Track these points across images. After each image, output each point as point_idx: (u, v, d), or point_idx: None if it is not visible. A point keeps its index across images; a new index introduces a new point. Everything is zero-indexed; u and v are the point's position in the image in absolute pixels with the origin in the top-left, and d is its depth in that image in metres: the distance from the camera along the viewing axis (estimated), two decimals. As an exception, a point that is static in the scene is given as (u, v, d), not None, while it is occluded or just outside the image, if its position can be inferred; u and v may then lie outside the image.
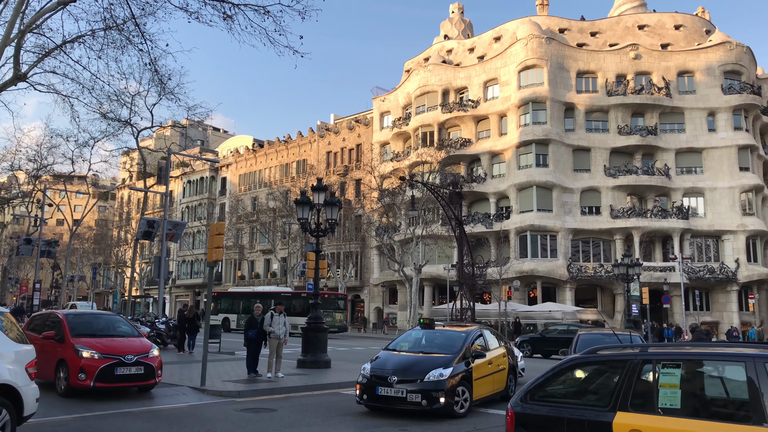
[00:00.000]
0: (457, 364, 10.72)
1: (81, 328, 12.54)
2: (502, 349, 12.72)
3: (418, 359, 10.99)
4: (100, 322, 13.43)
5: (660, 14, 54.46)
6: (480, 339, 12.04)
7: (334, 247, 57.05)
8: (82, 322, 12.93)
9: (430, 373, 10.33)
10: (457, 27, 62.29)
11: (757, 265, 46.76)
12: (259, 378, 14.99)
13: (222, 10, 13.83)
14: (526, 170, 47.50)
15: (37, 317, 14.25)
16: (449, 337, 11.79)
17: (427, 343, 11.83)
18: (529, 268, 45.55)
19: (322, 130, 67.89)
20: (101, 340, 12.29)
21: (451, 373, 10.43)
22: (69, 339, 11.99)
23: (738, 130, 47.90)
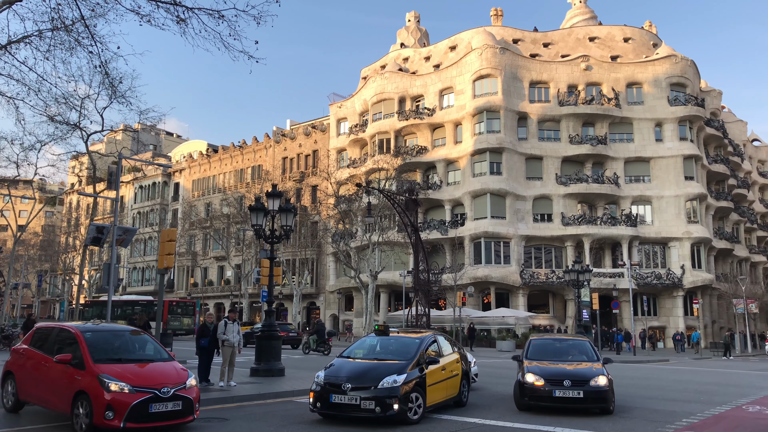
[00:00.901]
0: (411, 370, 10.69)
1: (103, 350, 10.11)
2: (455, 354, 12.75)
3: (373, 366, 10.94)
4: (124, 342, 10.93)
5: (610, 27, 56.04)
6: (434, 345, 12.02)
7: (290, 253, 56.63)
8: (103, 342, 10.48)
9: (384, 380, 10.28)
10: (414, 35, 62.82)
11: (701, 271, 48.37)
12: (211, 387, 14.76)
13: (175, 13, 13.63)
14: (481, 178, 48.13)
15: (43, 331, 11.44)
16: (404, 344, 11.77)
17: (382, 350, 11.79)
18: (483, 274, 46.10)
19: (278, 135, 67.44)
20: (129, 367, 9.87)
21: (405, 380, 10.40)
22: (90, 365, 9.58)
23: (683, 140, 49.57)
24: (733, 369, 27.96)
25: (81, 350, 9.91)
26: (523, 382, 12.11)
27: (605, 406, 11.92)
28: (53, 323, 12.26)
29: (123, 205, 78.43)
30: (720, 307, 54.55)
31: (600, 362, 12.79)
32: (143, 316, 23.81)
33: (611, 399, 12.00)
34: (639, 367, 28.09)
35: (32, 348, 11.06)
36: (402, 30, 63.67)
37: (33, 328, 11.92)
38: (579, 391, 11.67)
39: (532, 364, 12.59)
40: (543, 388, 11.84)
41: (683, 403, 14.35)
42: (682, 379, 21.57)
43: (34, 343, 11.20)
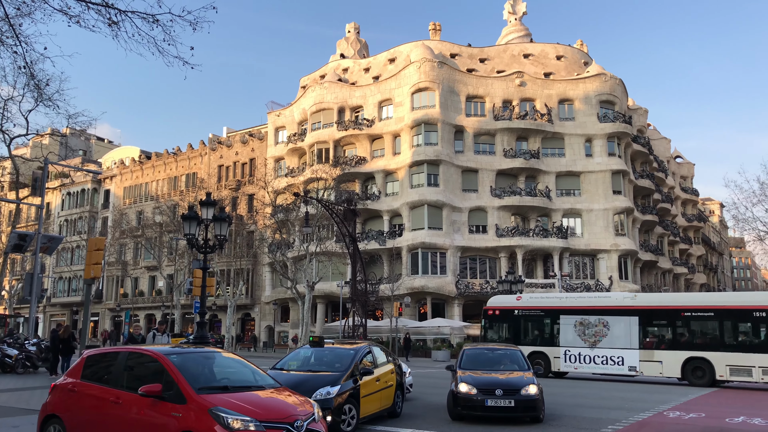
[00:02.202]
0: (345, 381, 10.68)
1: (201, 377, 7.86)
2: (390, 365, 12.78)
3: (306, 378, 10.88)
4: (219, 365, 8.64)
5: (543, 45, 57.84)
6: (369, 356, 12.06)
7: (225, 263, 55.59)
8: (195, 366, 8.13)
9: (317, 392, 10.23)
10: (353, 46, 63.10)
11: (628, 282, 50.25)
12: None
13: (107, 15, 13.21)
14: (419, 189, 48.64)
15: (100, 358, 8.83)
16: (338, 355, 11.74)
17: (316, 361, 11.72)
18: (420, 285, 46.48)
19: (213, 143, 66.26)
20: (243, 396, 7.63)
21: (338, 391, 10.38)
22: (194, 396, 7.25)
23: (612, 156, 51.53)
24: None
25: (174, 378, 7.50)
26: (456, 391, 12.25)
27: (535, 414, 12.19)
28: (112, 347, 9.48)
29: (49, 212, 75.16)
30: (645, 316, 56.69)
31: (531, 371, 13.08)
32: (68, 328, 22.76)
33: (541, 407, 12.28)
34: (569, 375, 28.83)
35: (88, 381, 8.44)
36: (342, 41, 63.85)
37: (81, 358, 8.97)
38: (510, 400, 11.90)
39: (465, 373, 12.76)
40: (475, 397, 12.01)
41: (609, 410, 14.84)
42: (609, 386, 22.30)
43: (90, 374, 8.55)
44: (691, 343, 23.44)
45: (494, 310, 27.73)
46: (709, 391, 20.63)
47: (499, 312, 27.50)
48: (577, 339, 25.19)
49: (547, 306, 26.41)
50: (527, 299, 27.79)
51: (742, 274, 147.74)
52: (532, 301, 27.44)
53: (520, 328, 26.94)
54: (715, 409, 15.28)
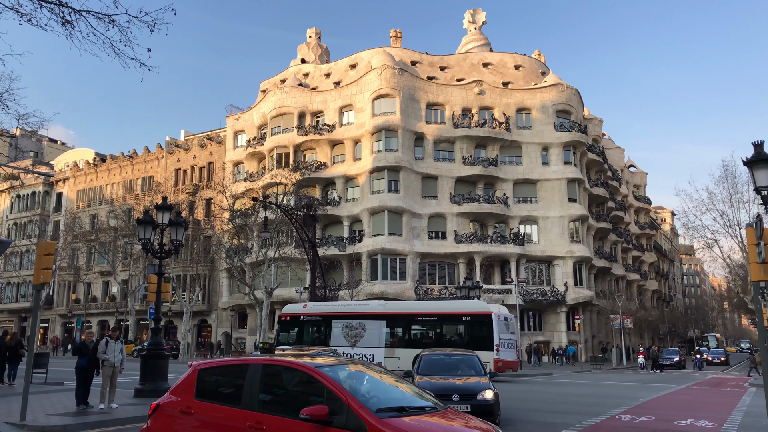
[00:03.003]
0: None
1: (369, 396, 6.29)
2: None
3: None
4: (375, 380, 6.86)
5: (502, 54, 58.73)
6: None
7: (181, 269, 54.65)
8: (358, 382, 6.64)
9: None
10: (314, 51, 62.97)
11: (582, 288, 51.27)
12: (90, 410, 13.93)
13: (60, 14, 12.89)
14: (379, 195, 48.73)
15: (219, 372, 7.18)
16: None
17: None
18: (379, 290, 46.51)
19: (171, 146, 65.19)
20: (427, 423, 6.00)
21: None
22: (374, 422, 5.71)
23: (568, 164, 52.58)
24: (610, 381, 29.75)
25: (341, 398, 5.90)
26: (414, 397, 12.28)
27: (491, 419, 12.29)
28: (234, 358, 7.52)
29: (-3, 215, 72.71)
30: (599, 322, 58.01)
31: (487, 376, 13.21)
32: (16, 335, 22.05)
33: (497, 412, 12.41)
34: (524, 380, 29.28)
35: (208, 401, 6.74)
36: (303, 45, 63.66)
37: (192, 370, 7.16)
38: (467, 405, 11.97)
39: (422, 379, 12.80)
40: (432, 402, 12.08)
41: (563, 414, 15.10)
42: (563, 391, 22.69)
43: (209, 392, 6.85)
44: (420, 342, 27.42)
45: (286, 316, 31.58)
46: (659, 395, 21.19)
47: (289, 318, 31.35)
48: (343, 340, 28.80)
49: (324, 312, 30.41)
50: (311, 307, 31.68)
51: (692, 281, 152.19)
52: (313, 309, 31.33)
53: (304, 331, 30.68)
54: (664, 412, 15.71)
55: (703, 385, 27.54)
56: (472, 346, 24.10)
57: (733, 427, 13.34)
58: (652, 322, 73.45)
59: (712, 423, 13.81)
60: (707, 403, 18.86)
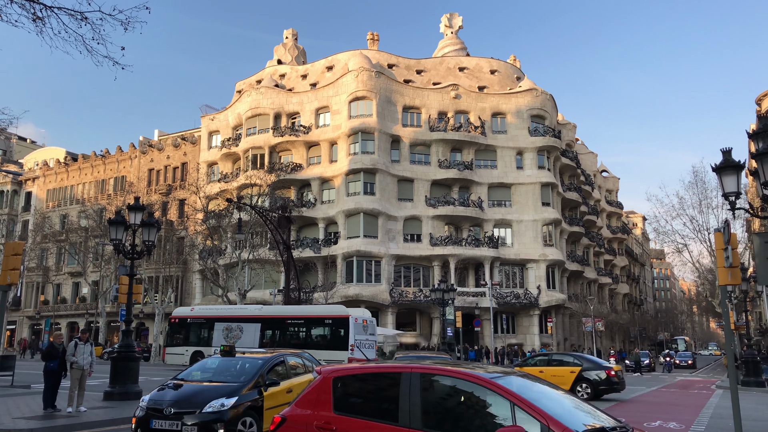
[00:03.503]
0: (247, 392, 10.14)
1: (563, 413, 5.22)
2: (309, 375, 12.20)
3: (203, 388, 10.24)
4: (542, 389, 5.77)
5: (478, 59, 59.17)
6: (281, 366, 11.58)
7: (153, 270, 53.98)
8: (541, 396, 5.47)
9: (210, 404, 9.58)
10: (291, 53, 62.77)
11: (555, 292, 51.80)
12: (58, 413, 13.67)
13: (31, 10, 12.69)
14: (355, 197, 48.70)
15: (362, 381, 6.18)
16: (244, 365, 11.13)
17: (220, 372, 11.04)
18: (354, 293, 46.46)
19: (144, 146, 64.42)
20: None
21: (235, 403, 9.75)
22: None
23: (541, 169, 53.12)
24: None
25: (539, 418, 4.95)
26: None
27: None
28: (379, 365, 6.38)
29: (-37, 213, 71.10)
30: (571, 325, 58.65)
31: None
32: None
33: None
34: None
35: (351, 416, 5.76)
36: (279, 46, 63.40)
37: (322, 378, 6.12)
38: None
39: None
40: (406, 405, 12.07)
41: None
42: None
43: (350, 406, 5.87)
44: (290, 343, 28.98)
45: (175, 319, 33.58)
46: (629, 397, 21.49)
47: (178, 320, 33.28)
48: (223, 340, 29.96)
49: (208, 315, 32.25)
50: (197, 310, 34.01)
51: (662, 285, 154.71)
52: (199, 312, 33.50)
53: (191, 333, 32.51)
54: (634, 415, 15.94)
55: (672, 387, 28.01)
56: (332, 346, 27.14)
57: (701, 428, 13.59)
58: (623, 325, 74.51)
59: (680, 424, 14.05)
60: (676, 405, 19.19)
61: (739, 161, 10.94)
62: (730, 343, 12.16)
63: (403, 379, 5.67)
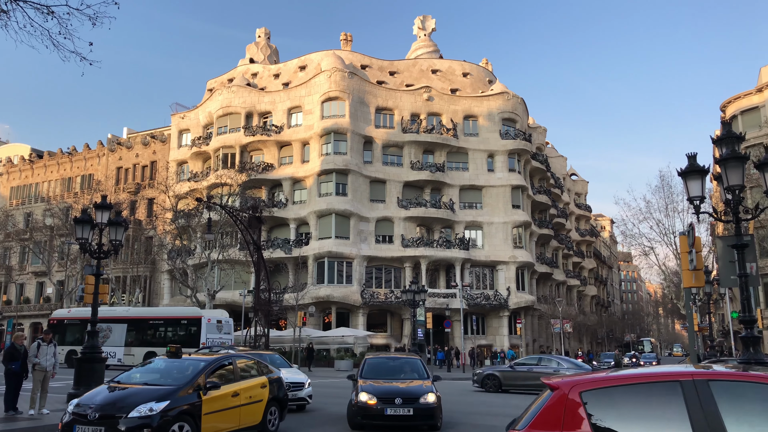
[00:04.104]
0: (184, 395, 9.58)
1: None
2: (261, 378, 11.75)
3: (134, 392, 9.64)
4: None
5: (451, 61, 59.50)
6: (228, 367, 11.03)
7: (120, 270, 53.12)
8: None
9: (137, 408, 9.01)
10: (263, 52, 62.36)
11: (524, 293, 52.31)
12: (20, 416, 13.35)
13: (-5, 3, 12.38)
14: (327, 198, 48.56)
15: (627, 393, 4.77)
16: (185, 366, 10.53)
17: (160, 374, 10.55)
18: (325, 294, 46.31)
19: (113, 143, 63.40)
20: None
21: (166, 407, 9.13)
22: None
23: (512, 171, 53.61)
24: (549, 383, 30.32)
25: None
26: (357, 401, 12.26)
27: (433, 422, 12.40)
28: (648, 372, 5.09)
29: None
30: (540, 326, 59.28)
31: (430, 380, 13.29)
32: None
33: (439, 415, 12.52)
34: (467, 384, 29.63)
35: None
36: (252, 45, 62.93)
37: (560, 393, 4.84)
38: (409, 408, 12.03)
39: (366, 383, 12.78)
40: (375, 406, 12.05)
41: (503, 417, 15.33)
42: (505, 395, 23.06)
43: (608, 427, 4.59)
44: (151, 342, 32.46)
45: (54, 320, 36.21)
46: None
47: (56, 322, 35.78)
48: None
49: (83, 317, 33.69)
50: (74, 312, 36.54)
51: (629, 287, 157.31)
52: (75, 314, 35.91)
53: (67, 333, 35.13)
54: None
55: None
56: (186, 344, 27.94)
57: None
58: (591, 326, 75.58)
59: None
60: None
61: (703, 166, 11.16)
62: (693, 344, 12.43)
63: (687, 389, 4.60)
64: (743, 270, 10.50)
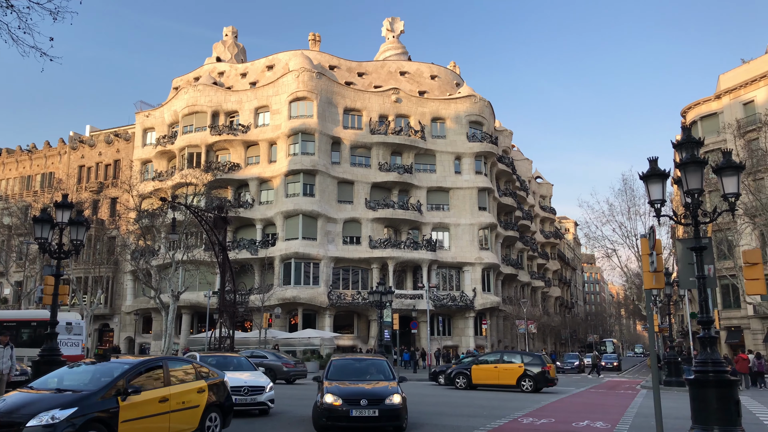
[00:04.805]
0: (99, 401, 8.80)
1: None
2: (198, 383, 10.93)
3: (38, 398, 8.82)
4: None
5: (419, 64, 59.76)
6: (156, 371, 10.15)
7: (82, 270, 51.98)
8: None
9: (38, 416, 8.19)
10: (231, 50, 61.74)
11: (490, 294, 52.79)
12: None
13: (-49, -4, 12.01)
14: (294, 198, 48.30)
15: None
16: (106, 370, 9.73)
17: (78, 378, 9.74)
18: (291, 295, 46.04)
19: (75, 141, 62.03)
20: None
21: (72, 415, 8.31)
22: None
23: (479, 174, 54.08)
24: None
25: None
26: (322, 403, 12.19)
27: (398, 423, 12.40)
28: None
29: None
30: (505, 327, 59.91)
31: (395, 381, 13.29)
32: None
33: (404, 416, 12.52)
34: (433, 384, 29.77)
35: None
36: (219, 44, 62.25)
37: None
38: (374, 409, 12.01)
39: (332, 384, 12.72)
40: (341, 408, 12.00)
41: (468, 417, 15.47)
42: (469, 395, 23.25)
43: None
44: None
45: None
46: (559, 398, 22.10)
47: None
48: None
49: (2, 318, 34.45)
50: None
51: (592, 288, 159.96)
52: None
53: None
54: (564, 415, 16.39)
55: (599, 388, 28.95)
56: (36, 345, 28.06)
57: (625, 427, 14.09)
58: (555, 327, 76.63)
59: (606, 424, 14.53)
60: (603, 405, 19.84)
61: (664, 170, 11.39)
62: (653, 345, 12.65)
63: None
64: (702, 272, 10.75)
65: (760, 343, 42.06)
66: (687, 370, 31.95)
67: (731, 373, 10.31)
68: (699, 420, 9.68)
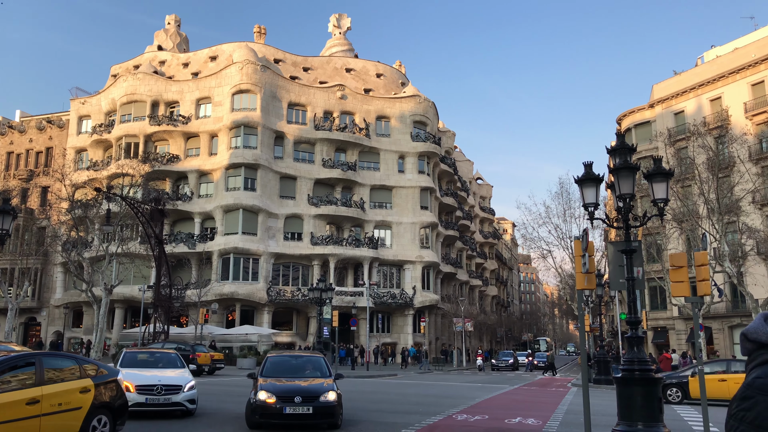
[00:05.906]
0: None
1: None
2: (82, 382, 9.82)
3: None
4: None
5: (365, 61, 59.76)
6: (26, 369, 9.13)
7: (8, 261, 49.72)
8: None
9: None
10: (173, 39, 60.22)
11: (429, 292, 53.35)
12: None
13: None
14: (234, 192, 47.54)
15: None
16: None
17: None
18: (229, 291, 45.34)
19: (3, 126, 59.23)
20: None
21: None
22: None
23: (422, 173, 54.55)
24: (450, 381, 31.17)
25: None
26: (255, 400, 12.04)
27: (333, 420, 12.37)
28: None
29: None
30: (443, 325, 60.67)
31: (332, 378, 13.24)
32: None
33: (339, 413, 12.51)
34: (371, 381, 29.91)
35: None
36: (161, 32, 60.60)
37: None
38: (309, 407, 11.94)
39: (267, 381, 12.58)
40: (274, 405, 11.88)
41: (404, 414, 15.59)
42: (406, 392, 23.43)
43: None
44: None
45: None
46: (493, 395, 22.54)
47: None
48: None
49: None
50: None
51: (528, 288, 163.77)
52: None
53: None
54: (497, 412, 16.73)
55: (532, 386, 29.68)
56: None
57: (556, 423, 14.50)
58: (491, 325, 78.10)
59: (537, 420, 14.91)
60: (535, 402, 20.35)
61: (598, 175, 11.74)
62: (584, 344, 13.03)
63: None
64: (631, 274, 11.14)
65: (684, 342, 44.02)
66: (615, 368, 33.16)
67: (655, 372, 10.73)
68: (624, 416, 10.03)
